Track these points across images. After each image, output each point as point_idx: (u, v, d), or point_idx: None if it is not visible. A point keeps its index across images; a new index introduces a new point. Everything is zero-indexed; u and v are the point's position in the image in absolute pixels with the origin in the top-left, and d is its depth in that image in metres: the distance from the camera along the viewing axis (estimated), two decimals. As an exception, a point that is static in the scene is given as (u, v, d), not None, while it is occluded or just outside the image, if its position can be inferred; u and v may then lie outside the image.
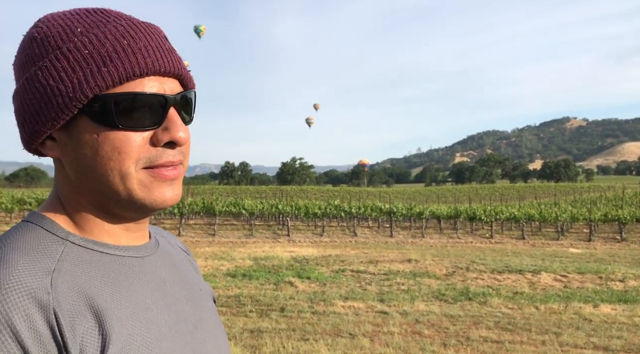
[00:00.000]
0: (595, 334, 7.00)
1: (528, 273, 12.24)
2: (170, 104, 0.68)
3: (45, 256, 0.63)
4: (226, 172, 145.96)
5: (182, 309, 0.74)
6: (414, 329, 7.08)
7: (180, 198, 0.72)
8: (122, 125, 0.65)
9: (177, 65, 0.70)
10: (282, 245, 19.56)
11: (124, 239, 0.73)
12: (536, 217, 26.09)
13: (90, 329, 0.60)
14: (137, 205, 0.68)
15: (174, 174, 0.69)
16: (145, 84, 0.66)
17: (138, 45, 0.66)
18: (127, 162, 0.65)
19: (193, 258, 0.96)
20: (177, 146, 0.69)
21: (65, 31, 0.66)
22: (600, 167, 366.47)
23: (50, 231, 0.67)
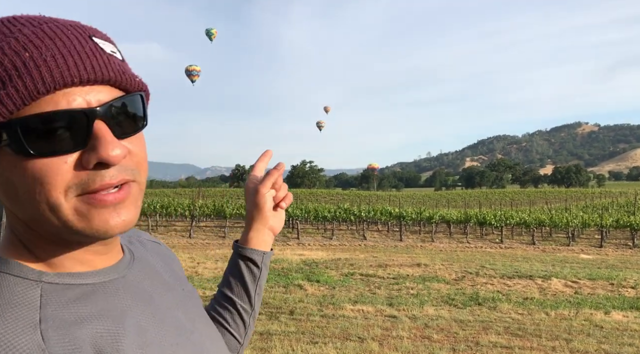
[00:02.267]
0: (606, 341, 6.95)
1: (538, 279, 12.17)
2: (93, 119, 0.57)
3: (24, 307, 0.55)
4: (237, 175, 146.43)
5: (175, 318, 0.71)
6: (423, 334, 7.08)
7: (134, 223, 0.62)
8: (37, 152, 0.55)
9: (102, 69, 0.57)
10: (291, 248, 19.60)
11: (99, 263, 0.66)
12: (547, 223, 25.92)
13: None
14: (81, 234, 0.59)
15: (116, 197, 0.59)
16: (59, 99, 0.55)
17: (43, 55, 0.54)
18: (53, 193, 0.56)
19: (166, 247, 0.91)
20: (111, 166, 0.58)
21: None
22: (612, 172, 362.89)
23: (19, 276, 0.59)
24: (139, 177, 0.62)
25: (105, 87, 0.59)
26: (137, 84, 0.63)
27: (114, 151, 0.57)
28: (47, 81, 0.54)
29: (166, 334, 0.66)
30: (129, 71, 0.63)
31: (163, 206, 26.35)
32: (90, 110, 0.57)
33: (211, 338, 0.79)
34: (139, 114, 0.63)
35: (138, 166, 0.62)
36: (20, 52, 0.55)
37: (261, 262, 1.04)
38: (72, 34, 0.58)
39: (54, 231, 0.59)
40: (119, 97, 0.60)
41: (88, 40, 0.59)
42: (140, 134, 0.64)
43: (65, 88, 0.56)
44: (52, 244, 0.62)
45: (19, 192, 0.57)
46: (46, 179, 0.56)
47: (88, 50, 0.57)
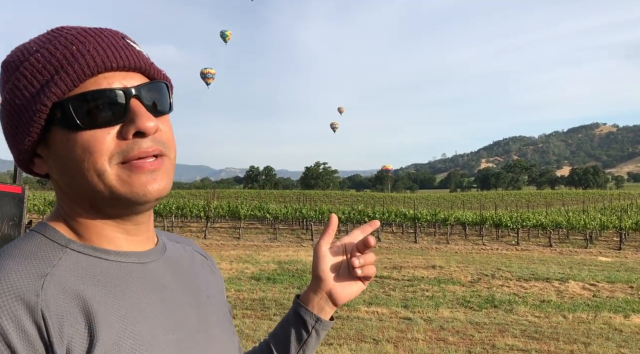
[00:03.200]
0: (626, 345, 6.84)
1: (555, 281, 12.02)
2: (130, 97, 0.68)
3: (43, 261, 0.65)
4: (251, 177, 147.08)
5: (183, 314, 0.75)
6: (438, 336, 7.03)
7: (168, 191, 0.72)
8: (85, 125, 0.66)
9: (134, 59, 0.70)
10: (305, 249, 19.60)
11: (125, 245, 0.74)
12: (564, 225, 25.58)
13: (79, 331, 0.62)
14: (122, 200, 0.69)
15: (153, 164, 0.69)
16: (102, 82, 0.68)
17: (87, 48, 0.68)
18: (99, 160, 0.66)
19: (214, 263, 0.97)
20: (147, 135, 0.69)
21: (22, 53, 0.70)
22: (631, 174, 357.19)
23: (52, 239, 0.69)
24: (169, 153, 0.72)
25: (137, 74, 0.72)
26: (162, 75, 0.76)
27: (149, 123, 0.68)
28: (91, 66, 0.67)
29: (165, 322, 0.71)
30: (155, 64, 0.76)
31: (178, 207, 26.53)
32: (127, 89, 0.69)
33: (221, 344, 0.80)
34: (164, 99, 0.74)
35: (168, 142, 0.72)
36: (69, 46, 0.68)
37: (312, 327, 0.94)
38: (108, 34, 0.72)
39: (98, 199, 0.69)
40: (149, 82, 0.72)
41: (121, 39, 0.72)
42: (167, 117, 0.75)
43: (106, 72, 0.68)
44: (88, 218, 0.72)
45: (71, 163, 0.68)
46: (93, 148, 0.67)
47: (122, 45, 0.71)
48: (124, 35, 0.74)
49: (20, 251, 0.67)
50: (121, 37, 0.73)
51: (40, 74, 0.67)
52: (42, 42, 0.70)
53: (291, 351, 0.95)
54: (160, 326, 0.70)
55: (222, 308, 0.88)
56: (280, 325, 0.99)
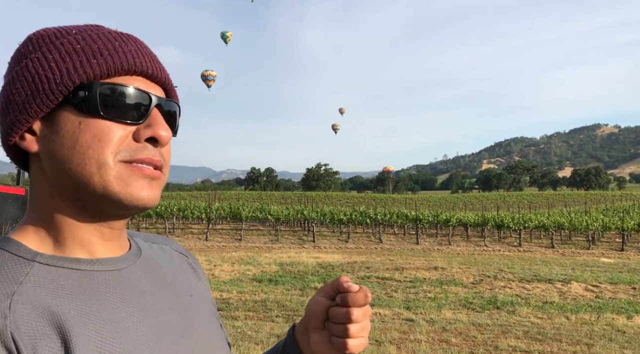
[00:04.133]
0: (629, 346, 6.82)
1: (558, 282, 12.00)
2: (154, 103, 0.69)
3: (8, 279, 0.61)
4: (252, 178, 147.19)
5: (165, 320, 0.71)
6: (441, 338, 7.02)
7: (156, 204, 0.70)
8: (106, 114, 0.65)
9: (163, 73, 0.72)
10: (307, 251, 19.60)
11: (100, 250, 0.70)
12: (566, 226, 25.54)
13: (54, 350, 0.58)
14: (112, 199, 0.66)
15: (153, 173, 0.68)
16: (133, 81, 0.68)
17: (129, 47, 0.68)
18: (106, 152, 0.64)
19: (195, 261, 0.92)
20: (159, 144, 0.68)
21: (60, 32, 0.69)
22: (633, 175, 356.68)
23: (16, 254, 0.64)
24: (166, 170, 0.72)
25: (159, 88, 0.73)
26: (177, 97, 0.78)
27: (165, 132, 0.69)
28: (130, 63, 0.68)
29: (146, 330, 0.67)
30: (176, 86, 0.77)
31: (180, 209, 26.54)
32: (154, 96, 0.70)
33: (209, 346, 0.77)
34: (176, 120, 0.76)
35: (168, 161, 0.72)
36: (112, 40, 0.68)
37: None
38: (144, 44, 0.73)
39: (89, 191, 0.66)
40: (168, 98, 0.73)
41: (152, 53, 0.73)
42: None
43: (137, 75, 0.69)
44: (65, 216, 0.68)
45: (73, 147, 0.65)
46: (104, 138, 0.65)
47: (153, 56, 0.72)
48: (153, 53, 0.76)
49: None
50: (152, 52, 0.74)
51: (76, 53, 0.66)
52: (83, 29, 0.69)
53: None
54: (142, 335, 0.66)
55: (208, 306, 0.84)
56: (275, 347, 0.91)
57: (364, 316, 0.74)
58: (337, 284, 0.76)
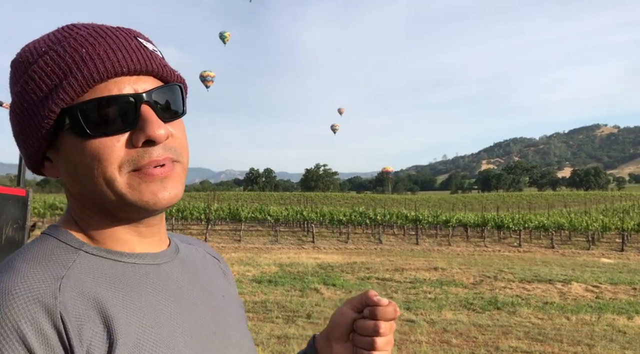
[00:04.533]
0: (630, 346, 6.81)
1: (558, 283, 11.99)
2: (140, 103, 0.66)
3: (57, 264, 0.64)
4: (251, 179, 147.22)
5: (199, 315, 0.74)
6: (441, 338, 7.00)
7: (179, 198, 0.70)
8: (94, 133, 0.65)
9: (147, 61, 0.68)
10: (307, 251, 19.59)
11: (138, 246, 0.73)
12: (566, 226, 25.55)
13: (97, 334, 0.60)
14: (133, 207, 0.67)
15: (162, 171, 0.67)
16: (112, 87, 0.66)
17: (97, 51, 0.65)
18: (109, 169, 0.65)
19: (225, 265, 0.95)
20: (157, 143, 0.67)
21: (31, 53, 0.68)
22: (632, 175, 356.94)
23: (65, 242, 0.68)
24: (182, 158, 0.71)
25: (149, 78, 0.69)
26: (176, 77, 0.73)
27: (159, 130, 0.66)
28: (100, 71, 0.65)
29: (182, 324, 0.70)
30: (169, 65, 0.73)
31: (179, 210, 26.53)
32: (138, 95, 0.67)
33: (239, 346, 0.79)
34: (178, 103, 0.72)
35: (180, 148, 0.71)
36: (78, 49, 0.66)
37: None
38: (120, 34, 0.69)
39: (108, 205, 0.68)
40: (161, 86, 0.70)
41: (133, 39, 0.70)
42: (180, 121, 0.73)
43: (116, 77, 0.66)
44: (99, 222, 0.71)
45: (80, 170, 0.67)
46: (103, 157, 0.65)
47: (134, 46, 0.68)
48: (137, 34, 0.72)
49: (34, 254, 0.65)
50: (134, 36, 0.70)
51: (48, 78, 0.65)
52: (52, 43, 0.68)
53: None
54: (179, 328, 0.69)
55: (238, 309, 0.87)
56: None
57: (390, 330, 0.76)
58: (365, 298, 0.78)
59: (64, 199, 36.78)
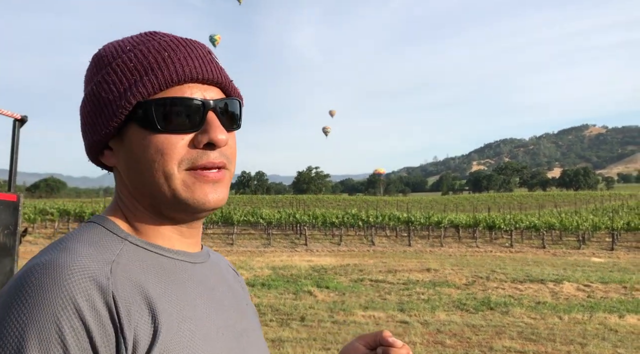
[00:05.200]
0: (622, 345, 6.87)
1: (550, 283, 12.06)
2: (208, 109, 0.72)
3: (107, 249, 0.68)
4: (243, 182, 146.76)
5: (229, 316, 0.78)
6: (435, 339, 7.02)
7: (225, 202, 0.75)
8: (163, 128, 0.70)
9: (217, 74, 0.75)
10: (300, 254, 19.56)
11: (178, 244, 0.77)
12: (557, 226, 25.73)
13: (143, 319, 0.64)
14: (182, 205, 0.72)
15: (216, 176, 0.72)
16: (186, 90, 0.72)
17: (178, 56, 0.72)
18: (170, 164, 0.70)
19: (241, 278, 0.99)
20: (217, 147, 0.72)
21: (116, 50, 0.74)
22: (621, 175, 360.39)
23: (111, 231, 0.72)
24: (231, 167, 0.76)
25: (215, 88, 0.76)
26: (237, 92, 0.80)
27: (221, 135, 0.72)
28: (179, 74, 0.71)
29: (216, 321, 0.74)
30: (233, 82, 0.80)
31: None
32: (207, 101, 0.73)
33: (259, 350, 0.83)
34: (236, 116, 0.78)
35: (232, 157, 0.76)
36: (161, 52, 0.72)
37: None
38: (197, 45, 0.76)
39: (160, 200, 0.72)
40: (225, 98, 0.76)
41: (208, 53, 0.76)
42: (234, 134, 0.78)
43: (191, 83, 0.72)
44: (148, 216, 0.75)
45: (140, 162, 0.71)
46: (166, 151, 0.70)
47: (208, 59, 0.75)
48: (210, 51, 0.78)
49: (84, 238, 0.69)
50: (208, 51, 0.77)
51: (130, 73, 0.71)
52: (136, 43, 0.74)
53: None
54: (213, 324, 0.73)
55: (257, 317, 0.92)
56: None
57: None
58: (380, 338, 0.82)
59: (54, 204, 36.47)
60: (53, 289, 0.59)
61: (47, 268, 0.61)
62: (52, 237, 24.54)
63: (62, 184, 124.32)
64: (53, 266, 0.61)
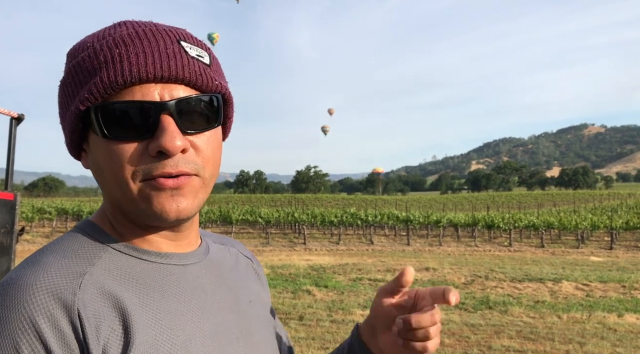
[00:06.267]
0: (620, 344, 6.86)
1: (549, 282, 12.06)
2: (159, 111, 0.63)
3: (83, 260, 0.65)
4: (241, 181, 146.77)
5: (223, 320, 0.73)
6: (434, 339, 7.01)
7: (191, 212, 0.67)
8: (112, 136, 0.64)
9: (179, 70, 0.64)
10: (298, 253, 19.55)
11: (165, 247, 0.72)
12: (555, 225, 25.73)
13: (115, 332, 0.61)
14: (143, 215, 0.66)
15: (175, 182, 0.64)
16: (136, 92, 0.63)
17: (129, 53, 0.63)
18: (123, 173, 0.64)
19: (259, 266, 0.94)
20: (171, 155, 0.64)
21: (79, 47, 0.68)
22: (619, 174, 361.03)
23: (94, 238, 0.69)
24: (203, 172, 0.67)
25: (180, 86, 0.66)
26: (215, 86, 0.69)
27: (173, 142, 0.63)
28: (125, 75, 0.62)
29: (204, 328, 0.69)
30: (209, 74, 0.68)
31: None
32: (159, 103, 0.64)
33: (264, 352, 0.78)
34: (210, 113, 0.69)
35: (204, 162, 0.68)
36: (113, 49, 0.64)
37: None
38: (161, 37, 0.66)
39: (126, 208, 0.68)
40: (192, 96, 0.66)
41: (175, 43, 0.66)
42: (212, 133, 0.69)
43: (142, 83, 0.64)
44: (128, 220, 0.70)
45: (103, 169, 0.67)
46: (118, 161, 0.64)
47: (170, 51, 0.65)
48: (183, 37, 0.68)
49: (61, 248, 0.67)
50: (177, 40, 0.67)
51: (81, 75, 0.65)
52: (97, 39, 0.67)
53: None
54: (199, 332, 0.68)
55: (265, 314, 0.85)
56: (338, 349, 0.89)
57: (439, 316, 0.76)
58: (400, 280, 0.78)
59: (52, 203, 36.44)
60: (13, 310, 0.57)
61: (11, 287, 0.59)
62: (49, 236, 24.52)
63: (60, 183, 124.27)
64: (18, 285, 0.59)
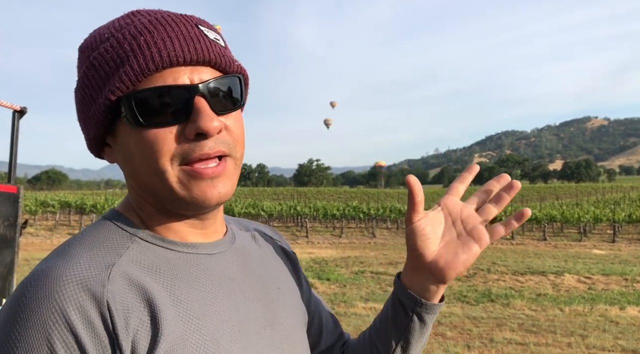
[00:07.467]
0: (622, 336, 6.87)
1: (551, 275, 12.07)
2: (194, 94, 0.65)
3: (111, 250, 0.65)
4: (244, 174, 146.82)
5: (250, 309, 0.73)
6: (436, 331, 7.03)
7: (230, 195, 0.69)
8: (148, 123, 0.64)
9: (205, 51, 0.66)
10: (300, 246, 19.59)
11: (191, 236, 0.72)
12: (558, 218, 25.71)
13: (144, 323, 0.61)
14: (182, 203, 0.67)
15: (214, 171, 0.66)
16: (167, 77, 0.64)
17: (155, 39, 0.64)
18: (161, 160, 0.64)
19: (286, 243, 0.95)
20: (210, 136, 0.65)
21: (95, 40, 0.68)
22: (622, 167, 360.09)
23: (121, 228, 0.69)
24: (235, 152, 0.69)
25: (207, 68, 0.68)
26: (236, 68, 0.72)
27: (211, 123, 0.65)
28: (156, 60, 0.63)
29: (232, 317, 0.69)
30: (229, 55, 0.71)
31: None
32: (192, 86, 0.65)
33: (292, 340, 0.78)
34: (236, 94, 0.71)
35: (234, 141, 0.69)
36: (137, 37, 0.65)
37: (412, 311, 0.83)
38: (180, 22, 0.67)
39: (161, 197, 0.68)
40: (218, 77, 0.68)
41: (194, 27, 0.68)
42: (238, 113, 0.72)
43: (172, 67, 0.65)
44: (155, 211, 0.71)
45: (135, 159, 0.67)
46: (155, 148, 0.64)
47: (193, 35, 0.67)
48: (198, 22, 0.70)
49: (89, 239, 0.67)
50: (195, 24, 0.68)
51: (107, 66, 0.65)
52: (115, 29, 0.67)
53: (392, 341, 0.85)
54: (227, 321, 0.68)
55: (295, 300, 0.85)
56: (381, 311, 0.89)
57: None
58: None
59: (55, 196, 36.54)
60: (45, 302, 0.57)
61: (42, 279, 0.60)
62: (52, 230, 24.60)
63: (63, 176, 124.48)
64: (49, 276, 0.60)
